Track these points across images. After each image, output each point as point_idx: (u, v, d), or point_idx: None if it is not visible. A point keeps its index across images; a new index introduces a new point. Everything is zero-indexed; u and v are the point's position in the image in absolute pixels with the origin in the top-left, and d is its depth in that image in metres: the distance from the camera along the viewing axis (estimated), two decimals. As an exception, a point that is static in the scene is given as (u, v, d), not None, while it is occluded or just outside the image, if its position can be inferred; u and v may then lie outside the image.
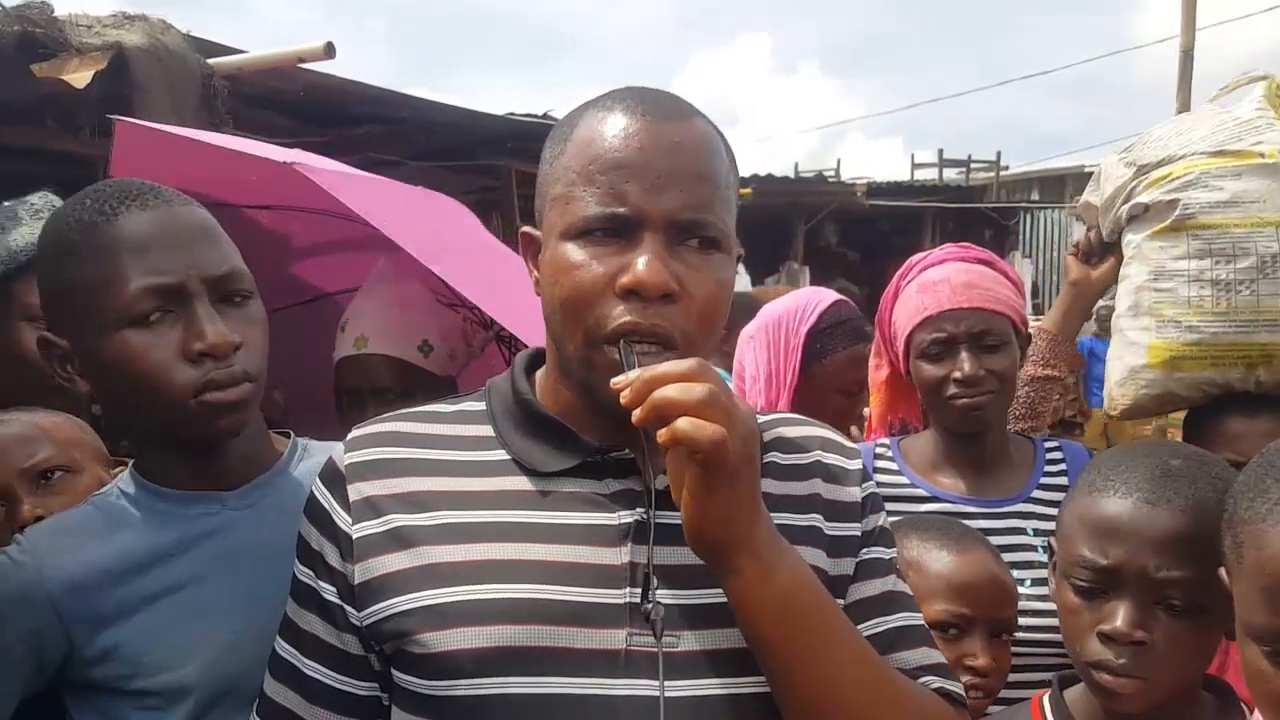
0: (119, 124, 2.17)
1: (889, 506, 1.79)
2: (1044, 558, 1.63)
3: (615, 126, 1.04)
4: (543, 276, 1.08)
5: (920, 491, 1.86)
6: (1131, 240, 1.94)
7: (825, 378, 2.27)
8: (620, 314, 1.00)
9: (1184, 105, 3.23)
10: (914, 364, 1.87)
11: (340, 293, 2.50)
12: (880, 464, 1.91)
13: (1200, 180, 1.83)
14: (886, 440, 1.98)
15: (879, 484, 1.85)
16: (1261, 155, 1.80)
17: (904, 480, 1.88)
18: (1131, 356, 1.91)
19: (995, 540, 1.71)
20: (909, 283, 1.89)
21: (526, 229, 1.13)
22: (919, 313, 1.83)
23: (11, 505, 1.51)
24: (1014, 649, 1.62)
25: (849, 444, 1.21)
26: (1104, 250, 2.07)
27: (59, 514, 1.35)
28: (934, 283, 1.83)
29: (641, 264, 0.99)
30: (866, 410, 2.27)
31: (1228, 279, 1.80)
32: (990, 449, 1.86)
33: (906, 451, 1.93)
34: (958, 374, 1.79)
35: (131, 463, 1.38)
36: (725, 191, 1.07)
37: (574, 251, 1.03)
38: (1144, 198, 1.90)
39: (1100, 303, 2.60)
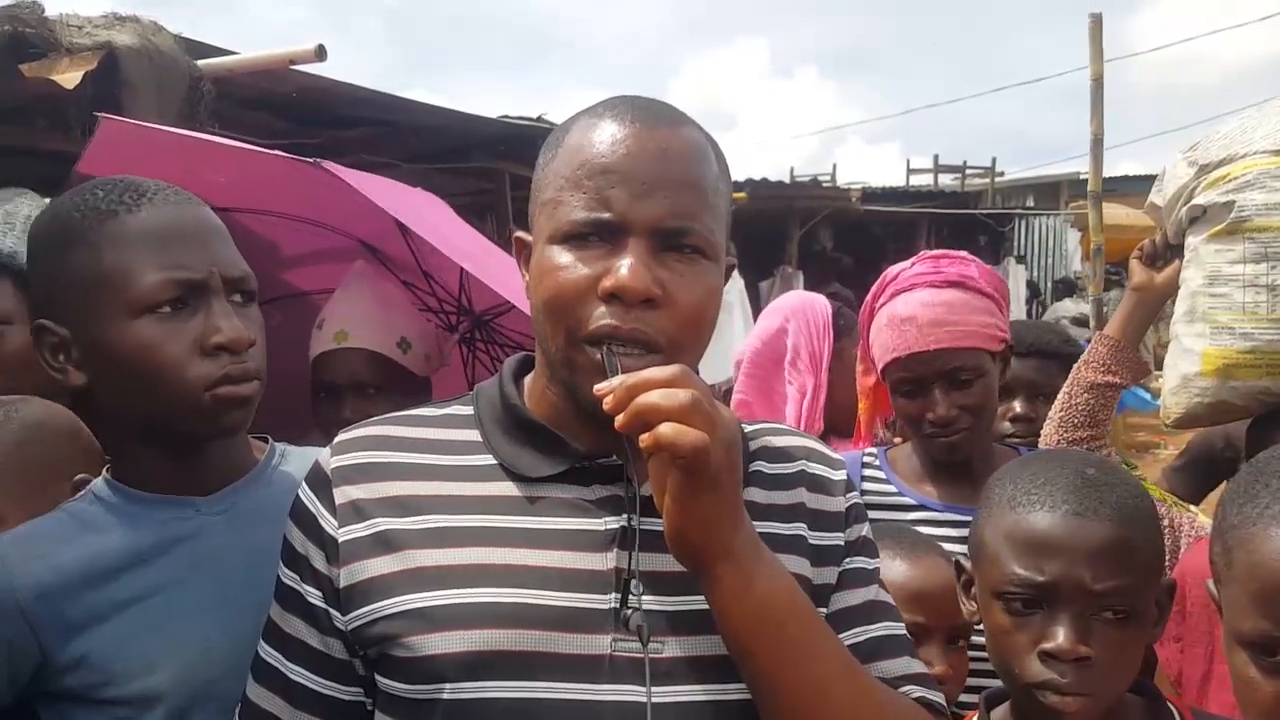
0: (104, 121, 2.16)
1: (877, 515, 1.80)
2: None
3: (605, 133, 1.06)
4: (531, 279, 1.09)
5: (908, 500, 1.86)
6: (1191, 243, 1.87)
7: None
8: (601, 316, 1.01)
9: (1098, 131, 3.24)
10: (891, 395, 1.87)
11: (311, 293, 2.50)
12: (868, 473, 1.91)
13: (1258, 180, 1.74)
14: (874, 450, 1.98)
15: (867, 492, 1.86)
16: None
17: (892, 489, 1.88)
18: (1185, 364, 1.84)
19: None
20: (882, 306, 1.86)
21: (520, 233, 1.15)
22: (889, 351, 1.82)
23: None
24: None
25: (834, 454, 1.23)
26: (1169, 253, 1.99)
27: (31, 521, 1.33)
28: (902, 320, 1.80)
29: (624, 268, 1.00)
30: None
31: None
32: (975, 462, 1.86)
33: (894, 461, 1.93)
34: (931, 415, 1.79)
35: (106, 467, 1.37)
36: (714, 199, 1.07)
37: (560, 254, 1.04)
38: (1201, 199, 1.82)
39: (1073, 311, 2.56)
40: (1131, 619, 1.18)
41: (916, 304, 1.80)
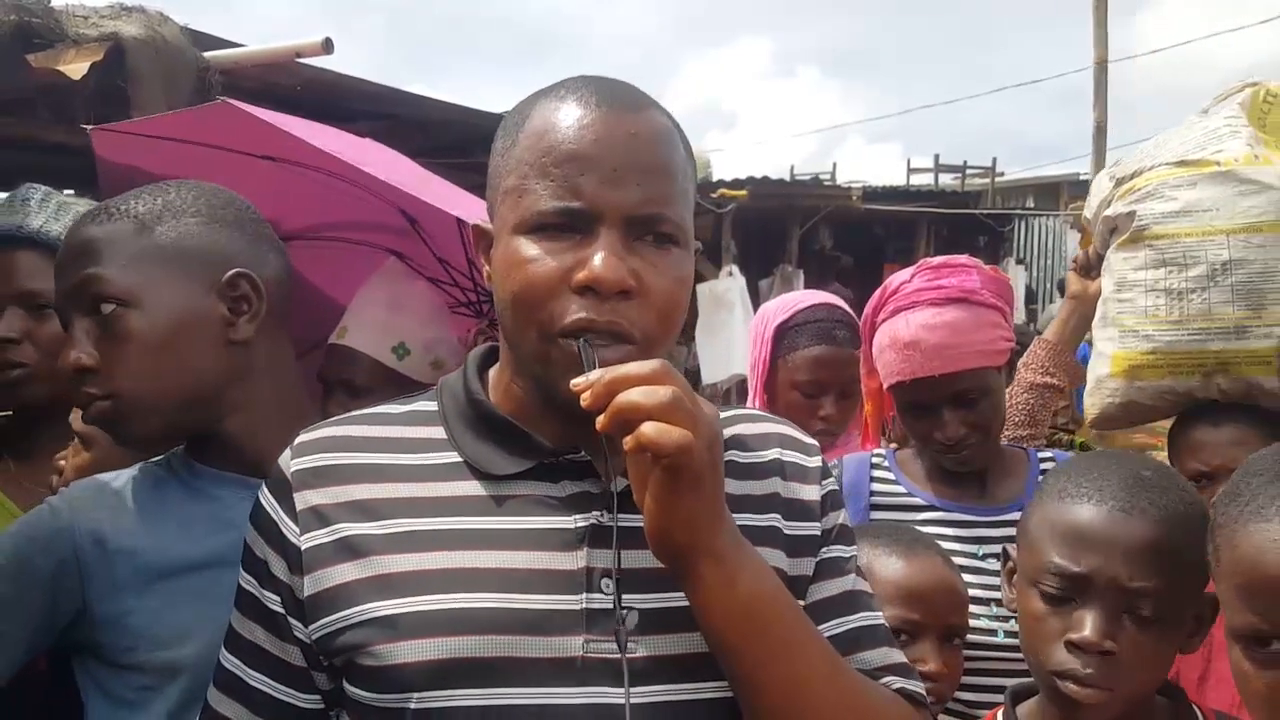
0: (95, 135, 2.14)
1: (888, 515, 1.81)
2: None
3: (570, 117, 1.01)
4: (495, 272, 1.06)
5: (918, 500, 1.86)
6: (1107, 253, 1.96)
7: (785, 372, 2.30)
8: (575, 310, 0.98)
9: (1101, 118, 3.20)
10: (898, 413, 1.89)
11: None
12: (877, 474, 1.92)
13: (1157, 191, 1.84)
14: (882, 450, 1.98)
15: (876, 493, 1.87)
16: (1217, 164, 1.80)
17: (901, 489, 1.88)
18: (1099, 366, 1.93)
19: (993, 548, 1.71)
20: (883, 322, 1.86)
21: (477, 223, 1.11)
22: (893, 375, 1.82)
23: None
24: (995, 654, 1.62)
25: (808, 440, 1.20)
26: (1100, 264, 2.06)
27: (104, 474, 1.39)
28: (905, 345, 1.79)
29: (598, 260, 0.97)
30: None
31: (1180, 288, 1.81)
32: (985, 465, 1.87)
33: (903, 461, 1.93)
34: (939, 435, 1.79)
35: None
36: (683, 185, 1.05)
37: (527, 246, 1.01)
38: (1111, 210, 1.92)
39: None
40: (1163, 622, 1.18)
41: (919, 327, 1.78)
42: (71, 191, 2.31)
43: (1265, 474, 1.08)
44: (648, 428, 0.88)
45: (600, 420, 0.89)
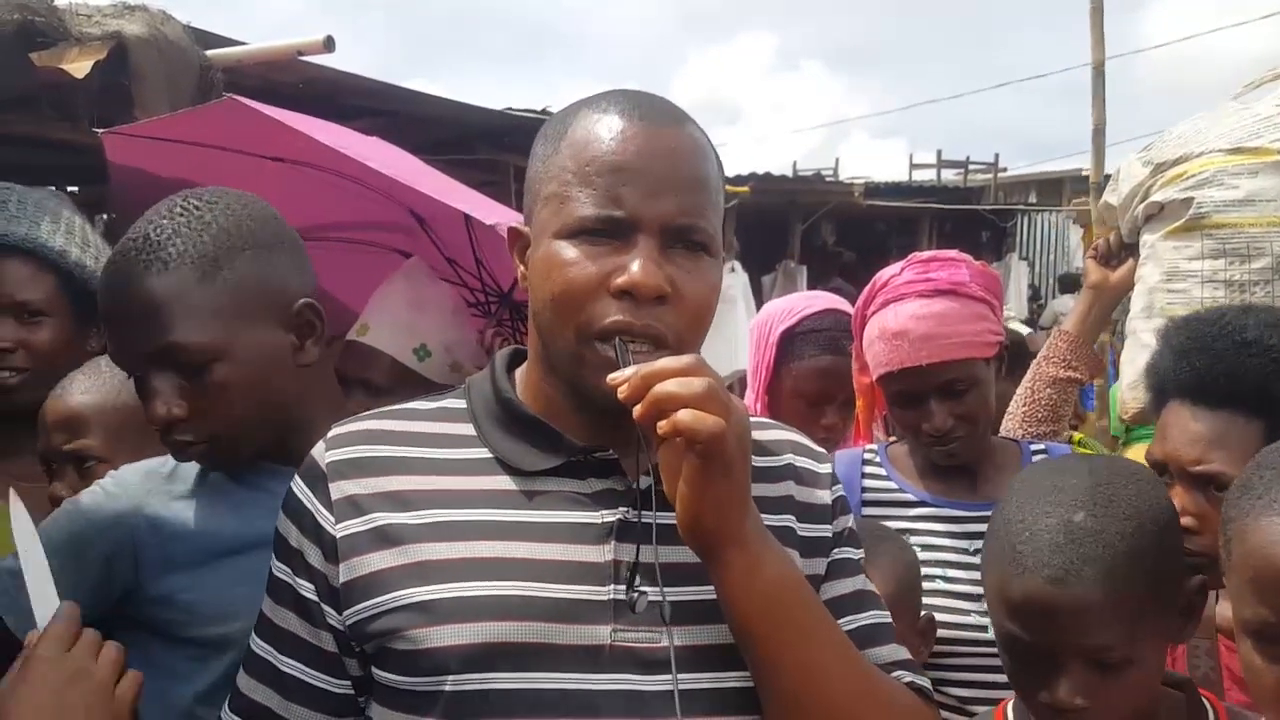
0: (107, 138, 2.16)
1: (879, 512, 1.82)
2: None
3: (612, 129, 1.07)
4: (533, 273, 1.09)
5: (909, 496, 1.86)
6: (1147, 240, 1.90)
7: (790, 381, 2.27)
8: (613, 312, 1.02)
9: (1099, 122, 3.19)
10: (888, 405, 1.87)
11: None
12: (868, 469, 1.91)
13: (1215, 178, 1.78)
14: (874, 446, 1.98)
15: (867, 489, 1.88)
16: (1279, 152, 1.74)
17: (892, 485, 1.88)
18: (1144, 359, 1.83)
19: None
20: (873, 315, 1.84)
21: (514, 225, 1.15)
22: (882, 365, 1.80)
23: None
24: (988, 650, 1.63)
25: (818, 447, 1.25)
26: (1123, 252, 2.03)
27: (150, 460, 1.44)
28: (894, 334, 1.78)
29: (636, 266, 1.02)
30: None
31: (1242, 280, 1.75)
32: (976, 458, 1.86)
33: (894, 457, 1.93)
34: (927, 426, 1.78)
35: None
36: (715, 197, 1.10)
37: (567, 250, 1.05)
38: (1158, 196, 1.86)
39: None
40: (1129, 664, 1.16)
41: (907, 317, 1.77)
42: (75, 188, 2.33)
43: (1278, 467, 1.07)
44: (684, 414, 0.92)
45: (637, 410, 0.93)
